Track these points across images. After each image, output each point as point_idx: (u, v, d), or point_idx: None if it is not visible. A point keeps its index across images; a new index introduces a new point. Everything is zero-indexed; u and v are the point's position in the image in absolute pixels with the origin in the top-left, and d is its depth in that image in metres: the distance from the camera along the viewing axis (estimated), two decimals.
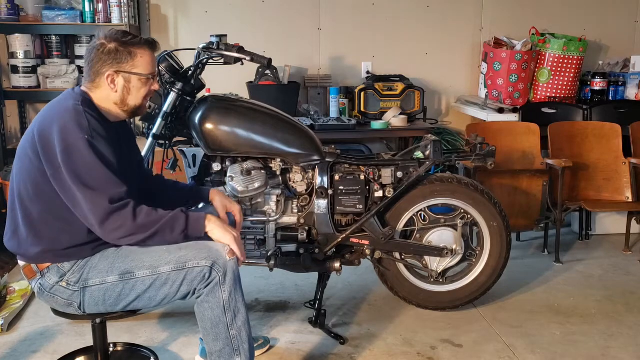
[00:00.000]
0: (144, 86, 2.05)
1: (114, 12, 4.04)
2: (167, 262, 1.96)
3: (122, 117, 2.09)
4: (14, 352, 2.66)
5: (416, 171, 2.83)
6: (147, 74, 2.04)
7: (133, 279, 1.97)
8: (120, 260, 1.99)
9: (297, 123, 2.83)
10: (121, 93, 2.02)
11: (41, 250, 1.97)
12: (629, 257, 3.85)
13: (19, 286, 3.16)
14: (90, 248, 1.99)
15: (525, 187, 3.72)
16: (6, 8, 3.96)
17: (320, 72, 4.59)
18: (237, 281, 2.00)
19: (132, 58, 2.00)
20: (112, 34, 2.00)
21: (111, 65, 1.98)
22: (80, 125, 1.88)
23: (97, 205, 1.86)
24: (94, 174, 1.86)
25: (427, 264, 2.98)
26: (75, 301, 1.99)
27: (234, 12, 4.44)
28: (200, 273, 1.95)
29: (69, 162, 1.85)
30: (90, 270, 1.98)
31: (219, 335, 2.01)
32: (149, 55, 2.04)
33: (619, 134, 3.96)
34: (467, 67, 4.78)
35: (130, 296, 1.99)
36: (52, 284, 1.99)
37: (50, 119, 1.93)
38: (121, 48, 1.98)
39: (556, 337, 2.83)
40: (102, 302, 2.00)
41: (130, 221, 1.88)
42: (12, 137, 4.37)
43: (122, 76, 2.00)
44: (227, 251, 1.98)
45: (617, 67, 4.76)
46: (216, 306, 1.99)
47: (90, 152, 1.86)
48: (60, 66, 4.15)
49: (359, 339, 2.79)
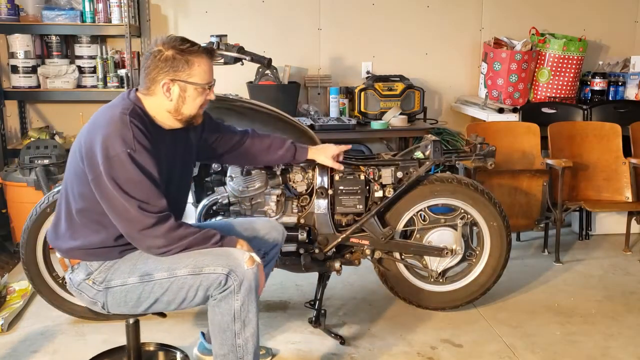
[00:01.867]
0: (200, 95, 2.02)
1: (114, 12, 4.04)
2: (185, 266, 1.95)
3: (176, 126, 2.07)
4: (14, 352, 2.66)
5: (416, 171, 2.83)
6: (203, 84, 2.00)
7: (152, 281, 1.97)
8: (141, 262, 2.00)
9: (297, 123, 2.83)
10: (176, 102, 1.99)
11: (74, 247, 2.02)
12: (628, 257, 3.85)
13: (19, 286, 3.16)
14: (118, 251, 2.02)
15: (525, 187, 3.72)
16: (6, 8, 3.96)
17: (320, 72, 4.59)
18: (252, 292, 1.96)
19: (189, 67, 1.97)
20: (170, 41, 1.96)
21: (167, 73, 1.96)
22: (123, 137, 1.88)
23: (135, 216, 1.88)
24: (134, 186, 1.88)
25: (427, 264, 2.98)
26: (100, 300, 2.03)
27: (234, 12, 4.44)
28: (216, 280, 1.94)
29: (110, 172, 1.87)
30: (115, 271, 2.01)
31: (225, 341, 2.00)
32: (206, 64, 2.00)
33: (619, 134, 3.96)
34: (467, 67, 4.78)
35: (150, 298, 2.00)
36: (80, 280, 2.03)
37: (97, 126, 1.93)
38: (178, 56, 1.95)
39: (556, 337, 2.83)
40: (124, 304, 2.02)
41: (167, 234, 1.92)
42: (12, 137, 4.37)
43: (178, 85, 1.97)
44: (246, 259, 1.95)
45: (617, 67, 4.76)
46: (227, 313, 1.97)
47: (132, 165, 1.87)
48: (60, 66, 4.15)
49: (359, 339, 2.79)
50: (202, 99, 2.03)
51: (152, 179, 1.90)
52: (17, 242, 3.60)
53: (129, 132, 1.89)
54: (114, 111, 1.95)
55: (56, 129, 4.37)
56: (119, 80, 4.18)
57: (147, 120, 1.99)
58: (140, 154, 1.89)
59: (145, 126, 1.95)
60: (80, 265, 2.04)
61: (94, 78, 4.22)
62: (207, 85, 2.02)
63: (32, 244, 2.80)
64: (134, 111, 1.95)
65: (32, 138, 4.08)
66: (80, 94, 4.19)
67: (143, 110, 1.99)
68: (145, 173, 1.88)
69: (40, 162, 3.72)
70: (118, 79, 4.18)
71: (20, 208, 3.71)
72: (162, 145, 2.02)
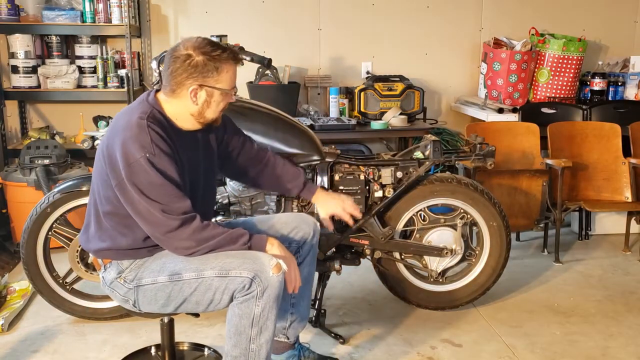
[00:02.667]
0: (224, 100, 2.02)
1: (114, 12, 4.04)
2: (212, 267, 1.95)
3: (196, 128, 2.07)
4: (14, 352, 2.66)
5: (416, 171, 2.84)
6: (229, 89, 2.01)
7: (180, 280, 1.97)
8: (170, 260, 2.01)
9: (297, 123, 2.83)
10: (201, 106, 1.99)
11: (103, 247, 2.05)
12: (628, 257, 3.85)
13: (19, 286, 3.17)
14: (147, 250, 2.04)
15: (525, 187, 3.73)
16: (6, 8, 3.96)
17: (320, 72, 4.59)
18: (275, 300, 1.94)
19: (217, 73, 1.96)
20: (201, 46, 1.94)
21: (196, 78, 1.95)
22: (142, 142, 1.88)
23: (160, 220, 1.89)
24: (156, 190, 1.88)
25: (426, 263, 2.98)
26: (131, 298, 2.05)
27: (234, 12, 4.44)
28: (241, 283, 1.92)
29: (131, 178, 1.88)
30: (145, 270, 2.02)
31: (239, 343, 1.98)
32: (233, 70, 2.01)
33: (618, 134, 3.96)
34: (467, 68, 4.78)
35: (179, 298, 2.00)
36: (112, 279, 2.06)
37: (116, 131, 1.94)
38: (209, 62, 1.94)
39: (556, 337, 2.83)
40: (155, 302, 2.03)
41: (193, 236, 1.92)
42: (12, 137, 4.37)
43: (205, 90, 1.97)
44: (272, 266, 1.92)
45: (617, 67, 4.77)
46: (246, 317, 1.95)
47: (152, 169, 1.87)
48: (60, 66, 4.15)
49: (359, 339, 2.79)
50: (225, 103, 2.04)
51: (174, 182, 1.91)
52: (18, 242, 3.61)
53: (147, 137, 1.89)
54: (132, 115, 1.94)
55: (56, 129, 4.38)
56: (119, 81, 4.18)
57: (167, 124, 1.99)
58: (160, 158, 1.89)
59: (164, 130, 1.95)
60: (111, 264, 2.07)
61: (94, 78, 4.22)
62: (233, 90, 2.04)
63: (33, 244, 2.80)
64: (152, 115, 1.95)
65: (32, 138, 4.09)
66: (81, 94, 4.20)
67: (162, 114, 1.99)
68: (165, 176, 1.89)
69: (41, 162, 3.73)
70: (118, 79, 4.19)
71: (21, 208, 3.71)
72: (182, 149, 2.02)
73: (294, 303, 2.36)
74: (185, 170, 2.02)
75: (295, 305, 2.36)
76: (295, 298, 2.34)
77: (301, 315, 2.38)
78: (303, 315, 2.39)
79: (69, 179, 2.90)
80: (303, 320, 2.40)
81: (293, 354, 2.43)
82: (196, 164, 2.10)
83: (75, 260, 2.82)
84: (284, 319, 2.37)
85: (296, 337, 2.44)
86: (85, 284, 2.91)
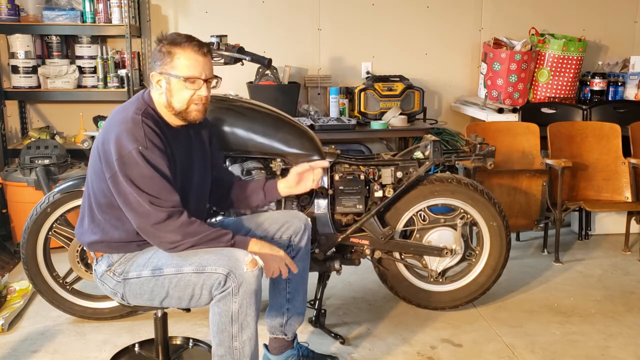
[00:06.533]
0: (185, 89, 2.00)
1: (114, 13, 4.04)
2: (191, 264, 1.97)
3: (178, 123, 2.08)
4: (14, 352, 2.67)
5: (416, 171, 2.84)
6: (184, 76, 1.98)
7: (162, 275, 2.01)
8: (155, 256, 2.05)
9: (297, 123, 2.83)
10: (165, 95, 2.02)
11: (95, 240, 2.09)
12: (628, 257, 3.85)
13: (19, 286, 3.17)
14: (137, 245, 2.08)
15: (524, 187, 3.73)
16: (6, 8, 3.96)
17: (320, 72, 4.60)
18: (252, 295, 1.94)
19: (171, 59, 1.98)
20: (166, 36, 2.01)
21: (157, 67, 2.01)
22: (135, 136, 1.93)
23: (148, 211, 1.93)
24: (146, 181, 1.92)
25: (426, 263, 2.98)
26: (119, 291, 2.09)
27: (234, 12, 4.44)
28: (217, 279, 1.94)
29: (124, 170, 1.92)
30: (132, 264, 2.07)
31: (222, 341, 2.00)
32: (193, 57, 1.98)
33: (618, 134, 3.96)
34: (467, 68, 4.78)
35: (161, 293, 2.03)
36: (102, 271, 2.10)
37: (112, 126, 1.99)
38: (164, 49, 1.98)
39: (556, 336, 2.83)
40: (140, 296, 2.07)
41: (179, 229, 1.95)
42: (12, 137, 4.37)
43: (164, 77, 2.00)
44: (247, 262, 1.93)
45: (617, 67, 4.77)
46: (224, 314, 1.96)
47: (144, 161, 1.91)
48: (60, 66, 4.15)
49: (359, 339, 2.79)
50: (189, 93, 2.01)
51: (164, 176, 1.95)
52: (18, 242, 3.61)
53: (141, 131, 1.94)
54: (127, 112, 2.00)
55: (56, 129, 4.38)
56: (119, 81, 4.18)
57: (160, 121, 2.03)
58: (152, 152, 1.93)
59: (157, 126, 1.99)
60: (103, 257, 2.12)
61: (94, 78, 4.22)
62: (189, 78, 1.99)
63: (33, 244, 2.80)
64: (146, 111, 2.00)
65: (32, 138, 4.09)
66: (81, 94, 4.20)
67: (155, 111, 2.04)
68: (156, 169, 1.93)
69: (41, 162, 3.73)
70: (118, 79, 4.19)
71: (21, 208, 3.72)
72: (175, 145, 2.06)
73: (289, 298, 2.37)
74: (177, 166, 2.06)
75: (291, 300, 2.37)
76: (291, 293, 2.36)
77: (297, 311, 2.40)
78: (299, 310, 2.41)
79: (69, 179, 2.90)
80: (300, 315, 2.41)
81: (292, 353, 2.44)
82: (189, 162, 2.13)
83: (75, 260, 2.83)
84: (281, 315, 2.39)
85: (294, 334, 2.45)
86: (85, 284, 2.91)
